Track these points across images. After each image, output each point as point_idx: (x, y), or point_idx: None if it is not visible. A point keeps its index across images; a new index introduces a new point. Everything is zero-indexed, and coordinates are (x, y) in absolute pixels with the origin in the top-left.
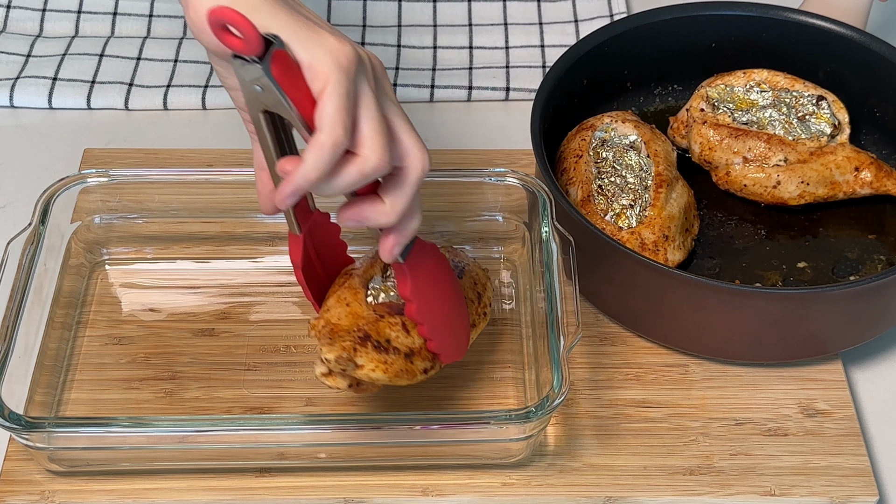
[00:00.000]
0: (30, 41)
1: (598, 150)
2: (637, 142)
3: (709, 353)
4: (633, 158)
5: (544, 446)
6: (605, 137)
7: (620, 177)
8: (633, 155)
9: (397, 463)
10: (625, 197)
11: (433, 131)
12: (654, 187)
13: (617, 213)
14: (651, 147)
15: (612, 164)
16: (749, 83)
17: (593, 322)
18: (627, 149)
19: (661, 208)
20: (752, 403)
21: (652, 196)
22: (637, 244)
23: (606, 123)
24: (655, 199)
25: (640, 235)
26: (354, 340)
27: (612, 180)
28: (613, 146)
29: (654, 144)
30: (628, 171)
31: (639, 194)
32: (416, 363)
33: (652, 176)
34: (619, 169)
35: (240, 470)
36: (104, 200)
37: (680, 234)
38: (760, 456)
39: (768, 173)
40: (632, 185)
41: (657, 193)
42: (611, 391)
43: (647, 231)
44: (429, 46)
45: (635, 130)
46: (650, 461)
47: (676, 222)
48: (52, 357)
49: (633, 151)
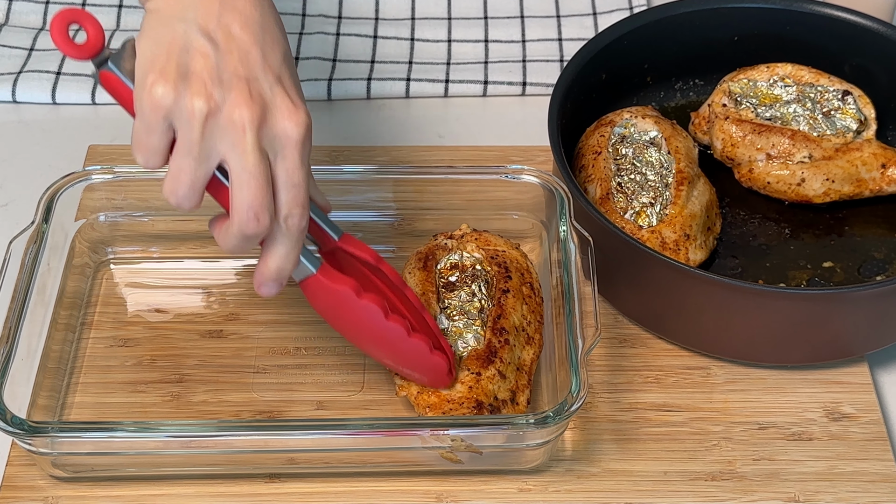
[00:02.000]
0: (32, 34)
1: (617, 146)
2: (658, 138)
3: (731, 355)
4: (654, 155)
5: (562, 451)
6: (624, 133)
7: (640, 174)
8: (653, 151)
9: (410, 468)
10: (645, 195)
11: (447, 127)
12: (675, 185)
13: (637, 211)
14: (672, 143)
15: (631, 160)
16: (773, 77)
17: (612, 323)
18: (648, 145)
19: (682, 206)
20: (775, 407)
21: (673, 194)
22: (657, 243)
23: (626, 119)
24: (676, 196)
25: (661, 234)
26: (471, 413)
27: (631, 177)
28: (633, 142)
29: (675, 140)
30: (648, 168)
31: (659, 192)
32: (520, 400)
33: (673, 173)
34: (639, 166)
35: (249, 476)
36: (109, 198)
37: (702, 232)
38: (784, 461)
39: (792, 170)
40: (652, 182)
41: (678, 191)
42: (630, 394)
43: (667, 230)
44: (443, 40)
45: (656, 126)
46: (671, 466)
47: (698, 221)
48: (55, 359)
49: (653, 148)
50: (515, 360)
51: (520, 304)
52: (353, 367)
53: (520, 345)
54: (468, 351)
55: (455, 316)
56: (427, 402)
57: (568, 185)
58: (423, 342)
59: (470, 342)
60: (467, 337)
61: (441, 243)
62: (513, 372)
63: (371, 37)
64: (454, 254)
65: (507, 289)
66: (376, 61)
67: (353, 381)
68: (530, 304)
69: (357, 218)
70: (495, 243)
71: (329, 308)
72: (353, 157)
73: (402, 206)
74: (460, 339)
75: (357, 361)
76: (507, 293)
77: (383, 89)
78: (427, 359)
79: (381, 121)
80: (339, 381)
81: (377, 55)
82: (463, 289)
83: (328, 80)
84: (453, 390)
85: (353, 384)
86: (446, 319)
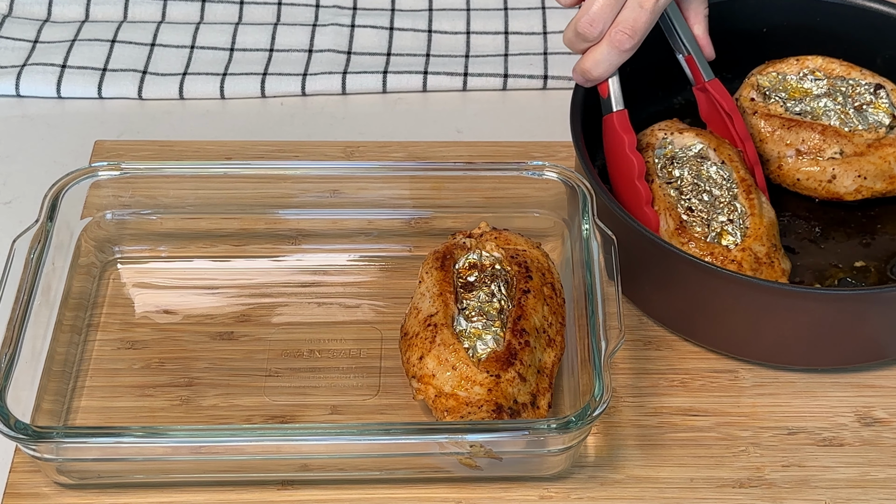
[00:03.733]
0: (37, 26)
1: (667, 169)
2: (704, 149)
3: (760, 357)
4: (710, 169)
5: (584, 457)
6: (667, 153)
7: (706, 192)
8: (707, 165)
9: (428, 475)
10: (720, 213)
11: (466, 122)
12: (745, 194)
13: (718, 232)
14: (722, 152)
15: (691, 181)
16: (802, 71)
17: (637, 325)
18: (700, 160)
19: (760, 215)
20: (805, 411)
21: (746, 204)
22: (752, 261)
23: (663, 138)
24: (751, 207)
25: (752, 250)
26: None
27: (699, 198)
28: (682, 161)
29: (723, 148)
30: (711, 184)
31: (732, 206)
32: (541, 404)
33: (736, 182)
34: (701, 184)
35: (260, 483)
36: (116, 195)
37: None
38: (814, 468)
39: (823, 167)
40: (721, 197)
41: (750, 200)
42: (655, 398)
43: (756, 244)
44: (462, 32)
45: (697, 138)
46: (697, 473)
47: (777, 228)
48: (60, 362)
49: (705, 161)
50: (536, 363)
51: (541, 305)
52: (368, 371)
53: (540, 347)
54: (487, 353)
55: (474, 317)
56: (445, 405)
57: (591, 183)
58: (654, 218)
59: (489, 344)
60: (486, 338)
61: (459, 242)
62: (533, 375)
63: (387, 28)
64: (473, 253)
65: (528, 289)
66: (392, 54)
67: (369, 384)
68: (551, 305)
69: (372, 216)
70: (515, 242)
71: (609, 147)
72: (368, 153)
73: (419, 203)
74: (479, 340)
75: (373, 364)
76: (528, 294)
77: (399, 83)
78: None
79: (397, 115)
80: (354, 384)
81: (393, 47)
82: (482, 289)
83: (342, 73)
84: (472, 393)
85: (369, 388)
86: (465, 321)
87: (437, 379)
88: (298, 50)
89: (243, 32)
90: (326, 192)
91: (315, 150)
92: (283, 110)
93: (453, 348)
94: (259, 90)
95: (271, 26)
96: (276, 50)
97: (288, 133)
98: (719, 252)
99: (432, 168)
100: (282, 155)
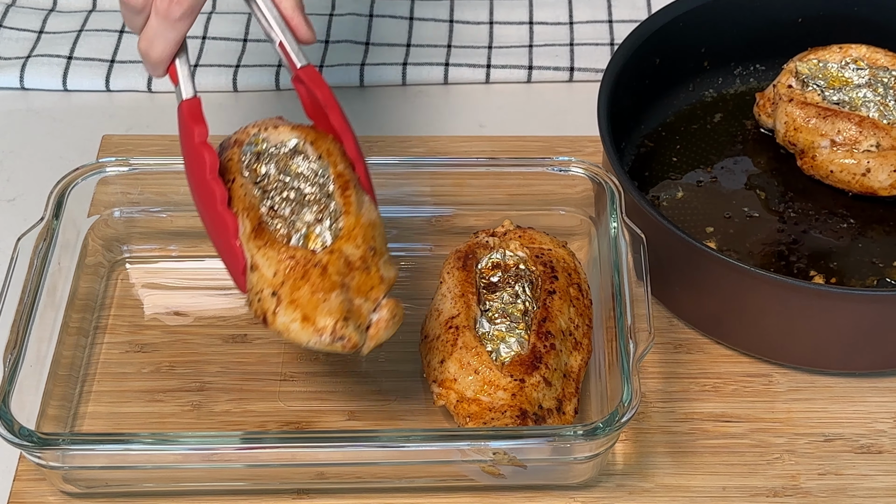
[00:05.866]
0: (42, 16)
1: (253, 166)
2: (301, 144)
3: (795, 361)
4: (303, 164)
5: (612, 465)
6: (256, 151)
7: (294, 189)
8: (299, 160)
9: (449, 483)
10: (307, 212)
11: (489, 115)
12: (340, 191)
13: (303, 234)
14: (321, 146)
15: (276, 178)
16: (845, 59)
17: (667, 327)
18: (292, 155)
19: (356, 215)
20: (842, 417)
21: (341, 202)
22: (341, 265)
23: (254, 135)
24: (346, 204)
25: (343, 253)
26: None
27: (284, 196)
28: (270, 157)
29: (322, 142)
30: (301, 181)
31: (324, 205)
32: (567, 410)
33: (332, 178)
34: (289, 180)
35: (275, 492)
36: (125, 192)
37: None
38: (852, 476)
39: (858, 159)
40: (312, 195)
41: (346, 198)
42: (686, 404)
43: (349, 246)
44: (484, 22)
45: (293, 132)
46: (730, 481)
47: (380, 230)
48: (66, 366)
49: (299, 157)
50: (562, 367)
51: (567, 307)
52: (387, 375)
53: (567, 350)
54: (511, 356)
55: (497, 319)
56: (467, 411)
57: (620, 179)
58: (231, 221)
59: (513, 347)
60: (510, 341)
61: (482, 241)
62: (559, 379)
63: (407, 18)
64: (496, 252)
65: (553, 290)
66: (412, 45)
67: (388, 389)
68: (578, 307)
69: (391, 213)
70: (540, 241)
71: (183, 142)
72: (387, 148)
73: (440, 200)
74: (503, 343)
75: (392, 368)
76: (553, 294)
77: (420, 75)
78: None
79: (417, 109)
80: (372, 389)
81: (413, 38)
82: (505, 290)
83: (360, 65)
84: (495, 398)
85: (388, 393)
86: (487, 323)
87: (459, 383)
88: None
89: (257, 22)
90: None
91: None
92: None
93: (476, 351)
94: (273, 83)
95: None
96: None
97: None
98: (301, 256)
99: (454, 164)
100: None
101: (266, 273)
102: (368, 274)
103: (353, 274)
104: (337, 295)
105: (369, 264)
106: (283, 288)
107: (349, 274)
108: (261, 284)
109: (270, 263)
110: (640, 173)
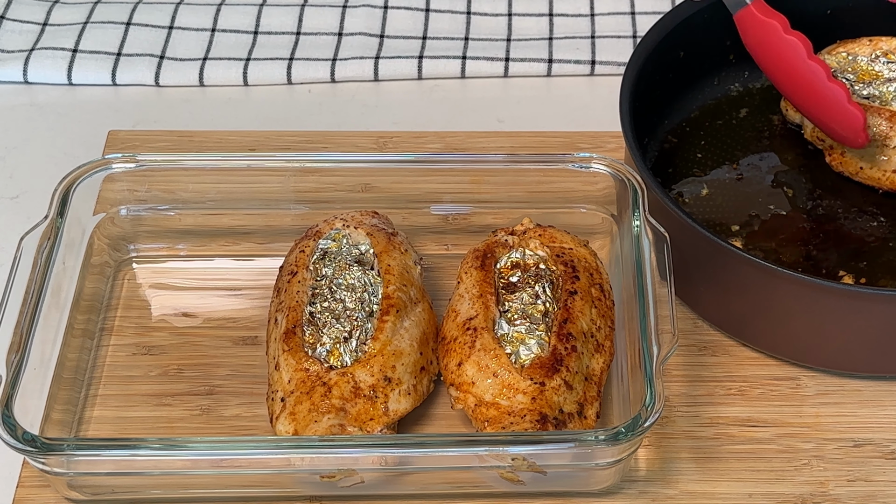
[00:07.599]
0: (46, 7)
1: (318, 264)
2: (368, 253)
3: (824, 364)
4: (357, 275)
5: (635, 471)
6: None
7: (339, 301)
8: (355, 270)
9: (466, 490)
10: (340, 326)
11: (508, 111)
12: (380, 314)
13: (328, 349)
14: (384, 260)
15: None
16: (875, 52)
17: (691, 329)
18: (352, 262)
19: (385, 342)
20: (872, 422)
21: (375, 325)
22: (346, 389)
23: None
24: (379, 329)
25: (353, 377)
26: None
27: (326, 305)
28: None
29: (387, 257)
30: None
31: (359, 324)
32: (589, 414)
33: (378, 299)
34: (337, 291)
35: (286, 498)
36: (131, 190)
37: (410, 374)
38: (882, 482)
39: (889, 155)
40: (353, 311)
41: (382, 322)
42: (711, 408)
43: (362, 372)
44: (503, 14)
45: (368, 238)
46: (756, 488)
47: (406, 360)
48: (71, 369)
49: (356, 266)
50: (583, 370)
51: (588, 308)
52: None
53: (588, 352)
54: (531, 359)
55: (516, 320)
56: (485, 415)
57: (643, 176)
58: (842, 90)
59: (533, 349)
60: (530, 343)
61: (501, 240)
62: (580, 382)
63: (422, 10)
64: (515, 251)
65: (575, 290)
66: (428, 37)
67: None
68: (600, 308)
69: (407, 211)
70: (561, 240)
71: (757, 44)
72: (402, 144)
73: (457, 198)
74: (522, 345)
75: None
76: (575, 295)
77: (436, 68)
78: (843, 108)
79: (433, 104)
80: None
81: (429, 30)
82: (525, 290)
83: (375, 58)
84: (514, 401)
85: None
86: (506, 324)
87: (477, 387)
88: (327, 33)
89: (268, 14)
90: (357, 185)
91: (345, 140)
92: (310, 98)
93: (494, 354)
94: (285, 76)
95: (298, 7)
96: (304, 33)
97: (316, 123)
98: (315, 371)
99: (471, 160)
100: (309, 146)
101: (283, 377)
102: (373, 404)
103: (357, 401)
104: (329, 419)
105: (378, 394)
106: (290, 398)
107: (352, 400)
108: (277, 386)
109: (288, 369)
110: (664, 170)
